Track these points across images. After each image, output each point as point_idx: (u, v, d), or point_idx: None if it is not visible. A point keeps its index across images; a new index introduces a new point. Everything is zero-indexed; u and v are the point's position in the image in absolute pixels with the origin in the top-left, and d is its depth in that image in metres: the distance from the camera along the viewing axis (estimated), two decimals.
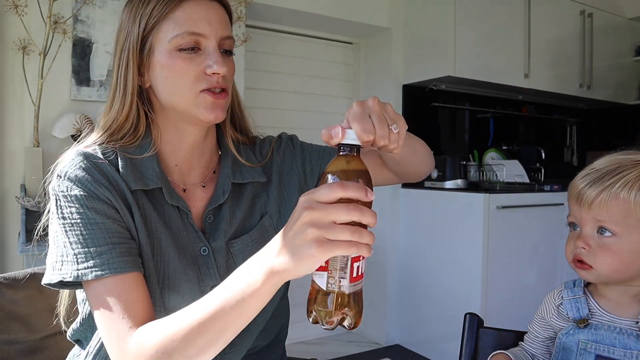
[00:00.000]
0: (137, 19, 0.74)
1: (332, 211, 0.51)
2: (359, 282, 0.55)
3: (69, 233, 0.67)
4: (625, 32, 3.52)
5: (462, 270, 2.51)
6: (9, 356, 0.89)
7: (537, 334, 0.84)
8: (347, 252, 0.51)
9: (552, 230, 2.68)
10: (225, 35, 0.76)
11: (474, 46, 2.72)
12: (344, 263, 0.53)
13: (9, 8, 1.87)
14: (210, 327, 0.58)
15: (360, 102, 0.59)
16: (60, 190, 0.69)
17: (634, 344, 0.70)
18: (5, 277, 0.93)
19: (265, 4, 2.46)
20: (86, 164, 0.71)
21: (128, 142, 0.76)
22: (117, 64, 0.77)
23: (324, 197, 0.51)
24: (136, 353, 0.62)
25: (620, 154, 0.75)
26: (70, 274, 0.66)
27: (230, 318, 0.57)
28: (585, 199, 0.73)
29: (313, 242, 0.50)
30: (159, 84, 0.75)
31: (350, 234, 0.50)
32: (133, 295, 0.66)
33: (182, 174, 0.81)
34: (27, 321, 0.93)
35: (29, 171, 1.91)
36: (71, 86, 2.05)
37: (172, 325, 0.61)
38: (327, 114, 3.04)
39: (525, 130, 3.59)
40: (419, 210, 2.82)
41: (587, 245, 0.74)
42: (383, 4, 2.87)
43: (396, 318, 2.93)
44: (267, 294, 0.56)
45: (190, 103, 0.74)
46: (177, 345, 0.59)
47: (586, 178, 0.74)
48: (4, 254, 2.00)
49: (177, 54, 0.73)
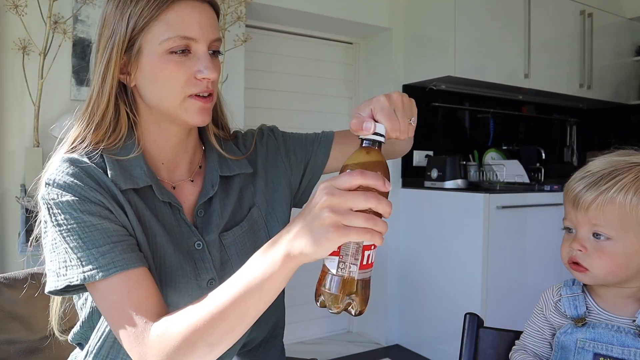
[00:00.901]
0: (124, 17, 0.72)
1: (350, 198, 0.53)
2: (368, 270, 0.58)
3: (68, 239, 0.67)
4: (625, 32, 3.51)
5: (462, 270, 2.51)
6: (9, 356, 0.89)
7: (538, 329, 0.84)
8: (361, 238, 0.54)
9: (552, 230, 2.67)
10: (215, 37, 0.76)
11: (474, 46, 2.72)
12: (356, 249, 0.56)
13: (9, 8, 1.87)
14: (231, 313, 0.60)
15: (388, 97, 0.62)
16: (51, 198, 0.68)
17: (632, 342, 0.71)
18: (5, 277, 0.93)
19: (265, 4, 2.46)
20: (73, 169, 0.70)
21: (111, 144, 0.75)
22: (98, 60, 0.75)
23: (344, 184, 0.54)
24: (159, 345, 0.62)
25: (614, 154, 0.75)
26: (77, 277, 0.66)
27: (250, 302, 0.59)
28: (581, 204, 0.73)
29: (330, 226, 0.53)
30: (146, 85, 0.75)
31: (365, 221, 0.53)
32: (143, 290, 0.66)
33: (169, 171, 0.82)
34: (27, 321, 0.93)
35: (29, 171, 1.91)
36: (71, 86, 2.05)
37: (194, 314, 0.61)
38: (327, 114, 3.04)
39: (525, 130, 3.59)
40: (419, 210, 2.82)
41: (583, 247, 0.74)
42: (383, 4, 2.87)
43: (396, 318, 2.93)
44: (284, 278, 0.58)
45: (178, 106, 0.74)
46: (199, 333, 0.60)
47: (582, 182, 0.74)
48: (4, 254, 2.00)
49: (168, 57, 0.72)
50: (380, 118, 0.60)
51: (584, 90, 3.26)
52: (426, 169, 2.89)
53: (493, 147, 3.30)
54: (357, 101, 3.12)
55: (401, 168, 2.94)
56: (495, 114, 3.32)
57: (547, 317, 0.82)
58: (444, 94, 3.07)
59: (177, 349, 0.61)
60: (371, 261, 0.58)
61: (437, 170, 2.78)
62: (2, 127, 1.98)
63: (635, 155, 0.75)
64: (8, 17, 1.93)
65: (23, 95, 1.96)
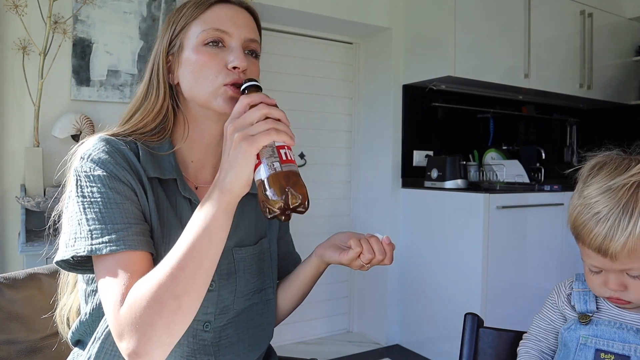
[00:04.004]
0: (170, 24, 0.82)
1: (246, 115, 0.66)
2: (291, 165, 0.65)
3: (87, 210, 0.69)
4: (625, 32, 3.51)
5: (462, 270, 2.51)
6: (9, 356, 0.89)
7: (550, 321, 0.84)
8: (270, 139, 0.64)
9: (552, 230, 2.68)
10: (250, 37, 0.80)
11: (474, 46, 2.72)
12: (272, 151, 0.64)
13: (9, 8, 1.87)
14: (189, 260, 0.64)
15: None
16: (83, 171, 0.71)
17: (633, 338, 0.72)
18: (5, 277, 0.93)
19: (265, 4, 2.46)
20: (109, 148, 0.74)
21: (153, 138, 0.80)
22: (150, 63, 0.83)
23: (237, 109, 0.67)
24: (130, 313, 0.63)
25: (604, 174, 0.72)
26: (84, 249, 0.67)
27: (201, 246, 0.65)
28: (610, 254, 0.69)
29: (241, 142, 0.64)
30: (185, 76, 0.79)
31: (266, 124, 0.64)
32: (138, 269, 0.68)
33: (196, 171, 0.85)
34: (27, 321, 0.93)
35: (29, 171, 1.91)
36: (71, 86, 2.05)
37: (156, 273, 0.65)
38: (327, 114, 3.04)
39: (525, 130, 3.59)
40: (419, 210, 2.82)
41: (622, 287, 0.72)
42: (383, 4, 2.87)
43: (396, 318, 2.93)
44: (225, 216, 0.66)
45: (211, 94, 0.77)
46: (164, 287, 0.63)
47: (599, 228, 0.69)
48: (4, 254, 2.00)
49: (202, 48, 0.78)
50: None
51: (584, 90, 3.26)
52: (426, 169, 2.89)
53: (493, 147, 3.31)
54: (357, 101, 3.12)
55: (401, 168, 2.94)
56: (495, 114, 3.32)
57: (560, 308, 0.82)
58: (444, 94, 3.07)
59: (147, 309, 0.62)
60: (290, 158, 0.65)
61: (437, 170, 2.79)
62: (2, 127, 1.99)
63: (619, 166, 0.72)
64: (8, 17, 1.93)
65: (23, 95, 1.96)
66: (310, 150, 2.94)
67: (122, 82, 2.15)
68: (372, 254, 0.81)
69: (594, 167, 0.76)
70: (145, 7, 2.19)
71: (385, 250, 0.81)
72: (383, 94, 2.97)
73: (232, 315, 0.83)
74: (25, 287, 0.94)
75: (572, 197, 0.76)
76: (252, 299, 0.86)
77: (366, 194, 3.09)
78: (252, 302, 0.86)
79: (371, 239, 0.82)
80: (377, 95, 3.01)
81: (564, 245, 2.72)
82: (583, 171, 0.77)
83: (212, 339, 0.80)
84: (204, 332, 0.79)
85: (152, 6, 2.20)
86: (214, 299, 0.80)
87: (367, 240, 0.82)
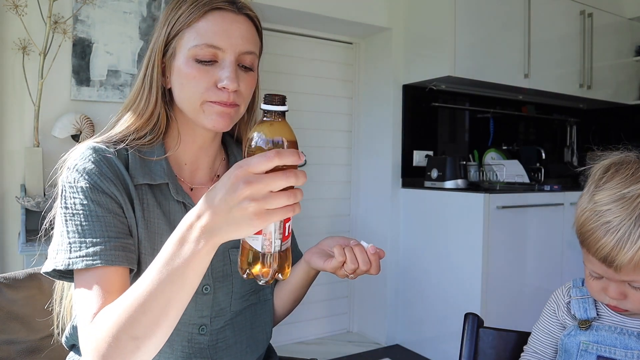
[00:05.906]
0: (166, 22, 0.77)
1: (270, 182, 0.52)
2: (288, 240, 0.60)
3: (69, 222, 0.69)
4: (625, 32, 3.51)
5: (462, 270, 2.51)
6: (9, 356, 0.89)
7: (549, 333, 0.82)
8: (285, 216, 0.54)
9: (552, 230, 2.68)
10: (245, 50, 0.76)
11: (474, 46, 2.72)
12: (279, 226, 0.57)
13: (9, 8, 1.87)
14: (153, 304, 0.58)
15: None
16: (67, 182, 0.71)
17: (635, 344, 0.70)
18: (5, 277, 0.93)
19: (265, 4, 2.46)
20: (95, 157, 0.72)
21: (144, 142, 0.78)
22: (145, 62, 0.80)
23: (261, 167, 0.52)
24: (92, 338, 0.62)
25: (619, 179, 0.68)
26: (62, 263, 0.67)
27: (172, 293, 0.58)
28: (615, 265, 0.66)
29: (253, 214, 0.52)
30: (175, 86, 0.78)
31: (287, 199, 0.53)
32: (112, 286, 0.66)
33: (191, 173, 0.84)
34: (27, 321, 0.92)
35: (29, 171, 1.91)
36: (71, 86, 2.05)
37: (118, 308, 0.60)
38: (327, 114, 3.04)
39: (525, 130, 3.59)
40: (419, 210, 2.82)
41: (622, 296, 0.70)
42: (383, 4, 2.87)
43: (396, 318, 2.93)
44: (204, 264, 0.58)
45: (197, 109, 0.76)
46: (122, 328, 0.59)
47: (607, 238, 0.66)
48: (4, 254, 2.00)
49: (194, 64, 0.75)
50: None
51: (584, 90, 3.26)
52: (426, 169, 2.89)
53: (493, 147, 3.31)
54: (357, 101, 3.12)
55: (401, 168, 2.94)
56: (495, 114, 3.32)
57: (560, 318, 0.80)
58: (444, 94, 3.07)
59: (105, 343, 0.59)
60: (289, 231, 0.59)
61: (437, 170, 2.79)
62: (2, 127, 1.99)
63: (635, 172, 0.68)
64: (8, 17, 1.93)
65: (23, 95, 1.96)
66: (310, 150, 2.94)
67: (122, 82, 2.15)
68: (355, 264, 0.76)
69: (608, 169, 0.71)
70: (145, 7, 2.19)
71: (370, 260, 0.77)
72: (383, 94, 2.96)
73: (228, 317, 0.82)
74: (25, 287, 0.94)
75: (581, 197, 0.72)
76: (249, 300, 0.85)
77: (366, 194, 3.09)
78: (249, 303, 0.85)
79: (356, 247, 0.77)
80: (377, 96, 3.01)
81: (564, 245, 2.72)
82: (595, 171, 0.72)
83: (208, 342, 0.79)
84: (199, 336, 0.78)
85: (152, 6, 2.20)
86: (210, 302, 0.79)
87: (351, 249, 0.77)
